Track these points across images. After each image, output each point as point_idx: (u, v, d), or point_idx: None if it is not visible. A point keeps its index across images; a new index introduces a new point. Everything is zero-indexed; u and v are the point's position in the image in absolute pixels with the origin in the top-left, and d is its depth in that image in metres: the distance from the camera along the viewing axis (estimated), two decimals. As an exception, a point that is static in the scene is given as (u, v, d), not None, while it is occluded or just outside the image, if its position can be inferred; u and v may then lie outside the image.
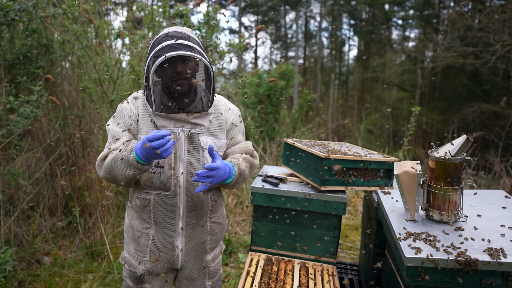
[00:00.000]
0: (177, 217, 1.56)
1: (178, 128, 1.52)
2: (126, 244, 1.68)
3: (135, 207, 1.59)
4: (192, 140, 1.53)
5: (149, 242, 1.59)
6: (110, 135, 1.52)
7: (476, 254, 1.34)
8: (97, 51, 4.06)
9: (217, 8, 3.80)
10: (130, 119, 1.53)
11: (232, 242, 3.63)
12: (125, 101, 1.58)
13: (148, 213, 1.56)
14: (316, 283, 1.87)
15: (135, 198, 1.59)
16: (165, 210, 1.55)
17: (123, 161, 1.39)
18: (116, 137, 1.50)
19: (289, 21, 24.29)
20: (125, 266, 1.67)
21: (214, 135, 1.59)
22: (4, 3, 2.87)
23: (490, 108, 11.33)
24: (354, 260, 3.50)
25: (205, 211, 1.62)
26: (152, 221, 1.57)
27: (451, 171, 1.56)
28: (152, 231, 1.58)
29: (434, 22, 17.79)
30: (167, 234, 1.57)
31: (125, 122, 1.53)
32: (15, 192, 3.38)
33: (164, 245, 1.59)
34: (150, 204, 1.55)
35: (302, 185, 2.17)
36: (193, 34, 1.56)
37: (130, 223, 1.64)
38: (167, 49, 1.41)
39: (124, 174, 1.40)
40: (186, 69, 1.47)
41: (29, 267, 3.12)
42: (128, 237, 1.66)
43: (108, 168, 1.44)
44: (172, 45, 1.42)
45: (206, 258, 1.70)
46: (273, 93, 6.03)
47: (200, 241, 1.65)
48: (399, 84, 17.66)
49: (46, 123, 4.00)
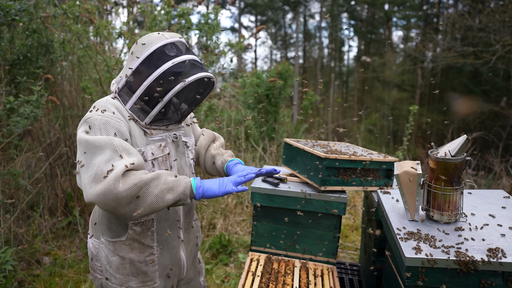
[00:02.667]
0: (179, 226, 1.53)
1: (167, 134, 1.48)
2: (120, 284, 1.44)
3: (134, 235, 1.41)
4: (178, 143, 1.52)
5: (156, 267, 1.47)
6: (110, 148, 1.22)
7: (476, 254, 1.34)
8: (97, 51, 4.07)
9: (217, 8, 3.80)
10: (125, 129, 1.33)
11: (232, 242, 3.62)
12: (104, 111, 1.31)
13: (151, 235, 1.43)
14: (316, 283, 1.87)
15: (131, 227, 1.40)
16: (168, 223, 1.48)
17: (169, 182, 1.24)
18: (123, 149, 1.25)
19: (289, 21, 24.30)
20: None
21: (188, 135, 1.61)
22: (5, 3, 2.87)
23: (490, 108, 11.32)
24: (354, 260, 3.50)
25: (193, 212, 1.66)
26: (155, 243, 1.45)
27: (451, 171, 1.56)
28: (157, 254, 1.46)
29: (434, 21, 17.80)
30: (172, 248, 1.51)
31: (121, 131, 1.31)
32: (15, 192, 3.38)
33: (172, 261, 1.52)
34: (153, 223, 1.43)
35: (302, 185, 2.17)
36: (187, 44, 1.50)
37: (124, 259, 1.42)
38: (189, 67, 1.36)
39: (162, 196, 1.22)
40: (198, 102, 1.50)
41: (29, 267, 3.12)
42: (124, 275, 1.43)
43: (142, 184, 1.19)
44: (192, 62, 1.38)
45: (198, 256, 1.74)
46: (272, 93, 6.03)
47: (194, 242, 1.66)
48: (399, 84, 17.66)
49: (46, 123, 4.00)
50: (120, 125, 1.31)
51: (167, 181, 1.24)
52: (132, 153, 1.26)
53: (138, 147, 1.37)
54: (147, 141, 1.41)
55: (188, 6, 3.78)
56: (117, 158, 1.22)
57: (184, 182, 1.28)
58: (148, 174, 1.24)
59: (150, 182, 1.21)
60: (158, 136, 1.44)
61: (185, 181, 1.28)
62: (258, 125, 5.94)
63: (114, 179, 1.16)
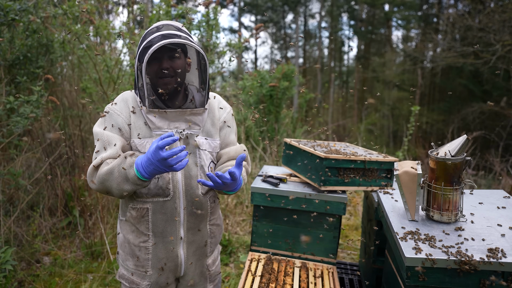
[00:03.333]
0: (178, 224, 1.49)
1: (173, 129, 1.44)
2: (122, 260, 1.56)
3: (131, 219, 1.48)
4: (188, 142, 1.47)
5: (149, 256, 1.50)
6: (100, 139, 1.39)
7: (476, 254, 1.34)
8: (97, 51, 4.07)
9: (216, 8, 3.80)
10: (121, 119, 1.42)
11: (232, 242, 3.62)
12: (112, 102, 1.46)
13: (146, 223, 1.46)
14: (316, 283, 1.87)
15: (129, 210, 1.48)
16: (164, 218, 1.46)
17: (121, 175, 1.29)
18: (108, 142, 1.37)
19: (289, 21, 24.31)
20: (124, 284, 1.55)
21: (209, 136, 1.53)
22: (4, 3, 2.87)
23: (490, 108, 11.32)
24: (354, 260, 3.50)
25: (205, 214, 1.56)
26: (150, 232, 1.47)
27: (451, 171, 1.56)
28: (151, 244, 1.48)
29: (434, 21, 17.79)
30: (168, 243, 1.49)
31: (116, 123, 1.42)
32: (15, 192, 3.38)
33: (167, 255, 1.51)
34: (148, 213, 1.45)
35: (302, 185, 2.17)
36: (184, 28, 1.49)
37: (125, 238, 1.52)
38: (158, 39, 1.32)
39: (121, 188, 1.30)
40: (174, 66, 1.39)
41: (29, 267, 3.12)
42: (124, 253, 1.54)
43: (102, 180, 1.32)
44: (164, 34, 1.34)
45: (207, 262, 1.64)
46: (275, 93, 6.03)
47: (201, 246, 1.59)
48: (399, 84, 17.67)
49: (46, 123, 4.00)
50: (118, 118, 1.42)
51: (120, 173, 1.30)
52: (111, 145, 1.37)
53: (134, 138, 1.42)
54: (150, 134, 1.43)
55: (188, 7, 3.78)
56: (102, 150, 1.38)
57: (132, 169, 1.28)
58: (105, 167, 1.32)
59: (107, 177, 1.31)
60: (160, 131, 1.43)
61: (131, 169, 1.28)
62: (259, 125, 5.95)
63: (90, 175, 1.37)
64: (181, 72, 1.42)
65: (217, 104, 1.59)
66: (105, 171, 1.31)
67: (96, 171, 1.35)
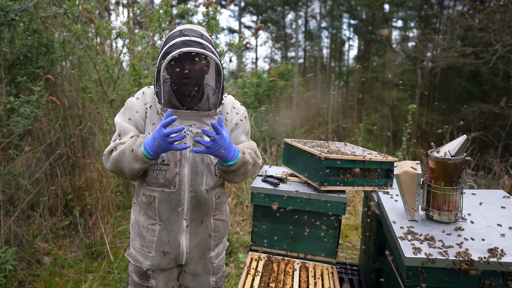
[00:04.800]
0: (182, 214, 1.58)
1: (185, 127, 1.51)
2: (132, 240, 1.70)
3: (141, 203, 1.62)
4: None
5: (155, 238, 1.61)
6: (117, 128, 1.55)
7: (476, 254, 1.35)
8: (97, 51, 4.07)
9: (216, 7, 3.80)
10: (138, 115, 1.55)
11: (232, 242, 3.63)
12: (134, 96, 1.59)
13: (154, 210, 1.59)
14: (316, 283, 1.88)
15: (141, 195, 1.62)
16: (169, 207, 1.58)
17: (131, 155, 1.42)
18: (124, 131, 1.53)
19: (289, 21, 24.30)
20: (131, 262, 1.69)
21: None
22: (4, 3, 2.87)
23: (490, 108, 11.32)
24: (354, 260, 3.50)
25: (209, 209, 1.64)
26: (157, 217, 1.60)
27: (451, 171, 1.56)
28: (158, 227, 1.61)
29: (434, 21, 17.79)
30: (171, 231, 1.60)
31: (133, 117, 1.55)
32: (15, 192, 3.38)
33: (169, 242, 1.61)
34: (155, 201, 1.58)
35: (302, 185, 2.17)
36: (206, 33, 1.57)
37: (136, 219, 1.66)
38: (178, 45, 1.41)
39: (131, 167, 1.44)
40: (195, 69, 1.47)
41: (29, 267, 3.13)
42: (134, 233, 1.68)
43: (115, 160, 1.47)
44: (185, 41, 1.42)
45: (210, 254, 1.72)
46: (273, 93, 6.03)
47: (205, 238, 1.67)
48: (399, 84, 17.68)
49: (46, 123, 4.00)
50: (135, 114, 1.55)
51: (131, 153, 1.44)
52: (127, 135, 1.51)
53: (148, 131, 1.54)
54: None
55: (188, 7, 3.78)
56: (117, 138, 1.53)
57: (140, 148, 1.42)
58: (118, 149, 1.47)
59: (119, 157, 1.46)
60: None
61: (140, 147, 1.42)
62: (259, 125, 5.94)
63: (106, 158, 1.53)
64: (199, 74, 1.51)
65: (231, 106, 1.66)
66: (118, 152, 1.47)
67: (110, 154, 1.51)
